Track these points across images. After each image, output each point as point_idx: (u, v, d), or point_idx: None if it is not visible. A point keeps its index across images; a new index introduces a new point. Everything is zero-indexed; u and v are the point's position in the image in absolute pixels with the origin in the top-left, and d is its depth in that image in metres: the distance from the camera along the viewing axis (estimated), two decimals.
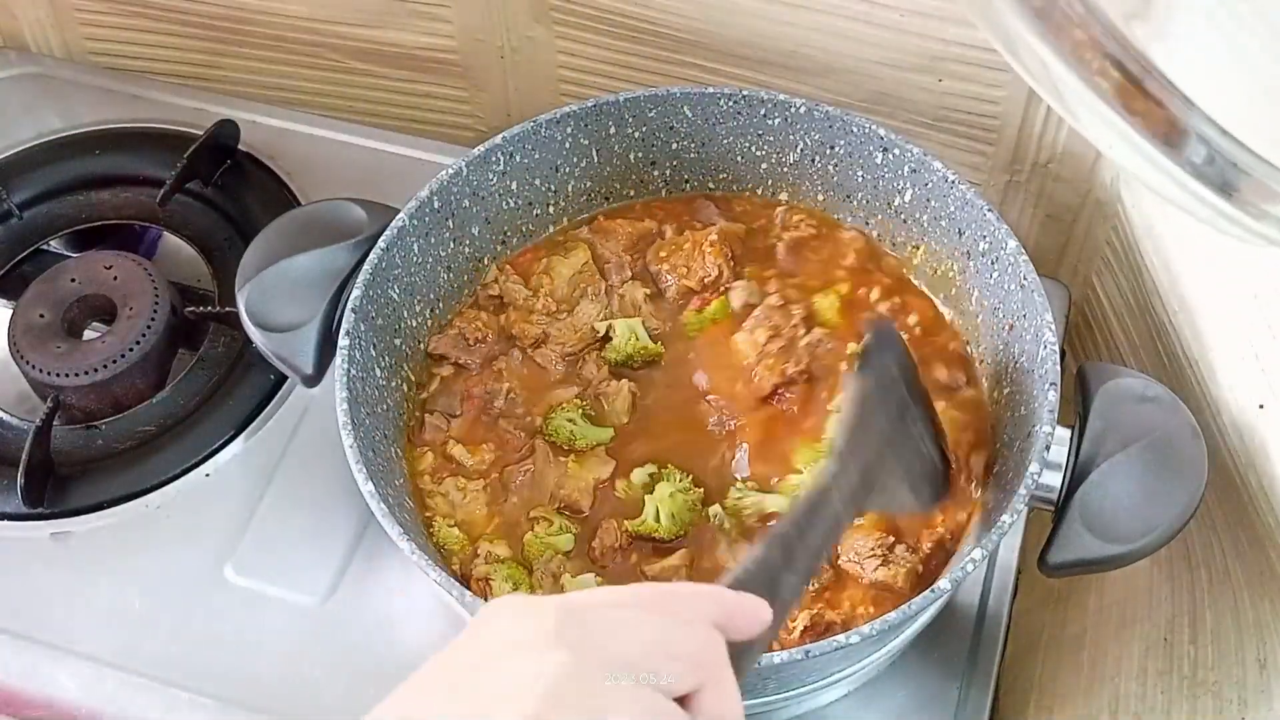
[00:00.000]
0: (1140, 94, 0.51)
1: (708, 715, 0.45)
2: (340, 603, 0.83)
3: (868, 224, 0.88)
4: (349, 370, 0.75)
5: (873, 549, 0.74)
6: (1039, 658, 0.91)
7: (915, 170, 0.83)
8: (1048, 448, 0.70)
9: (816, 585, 0.74)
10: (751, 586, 0.51)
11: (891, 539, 0.74)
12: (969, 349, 0.83)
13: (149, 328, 0.94)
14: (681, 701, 0.45)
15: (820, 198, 0.89)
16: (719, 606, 0.48)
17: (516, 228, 0.88)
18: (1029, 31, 0.52)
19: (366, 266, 0.79)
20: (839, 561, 0.74)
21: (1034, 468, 0.69)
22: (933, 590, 0.66)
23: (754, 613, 0.49)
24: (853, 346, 0.81)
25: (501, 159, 0.85)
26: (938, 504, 0.74)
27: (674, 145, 0.89)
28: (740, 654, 0.48)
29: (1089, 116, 0.54)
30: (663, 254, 0.87)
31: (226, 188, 1.04)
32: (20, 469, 0.86)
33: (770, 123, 0.87)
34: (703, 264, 0.86)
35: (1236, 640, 0.73)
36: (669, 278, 0.86)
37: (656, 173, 0.90)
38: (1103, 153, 0.56)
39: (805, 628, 0.71)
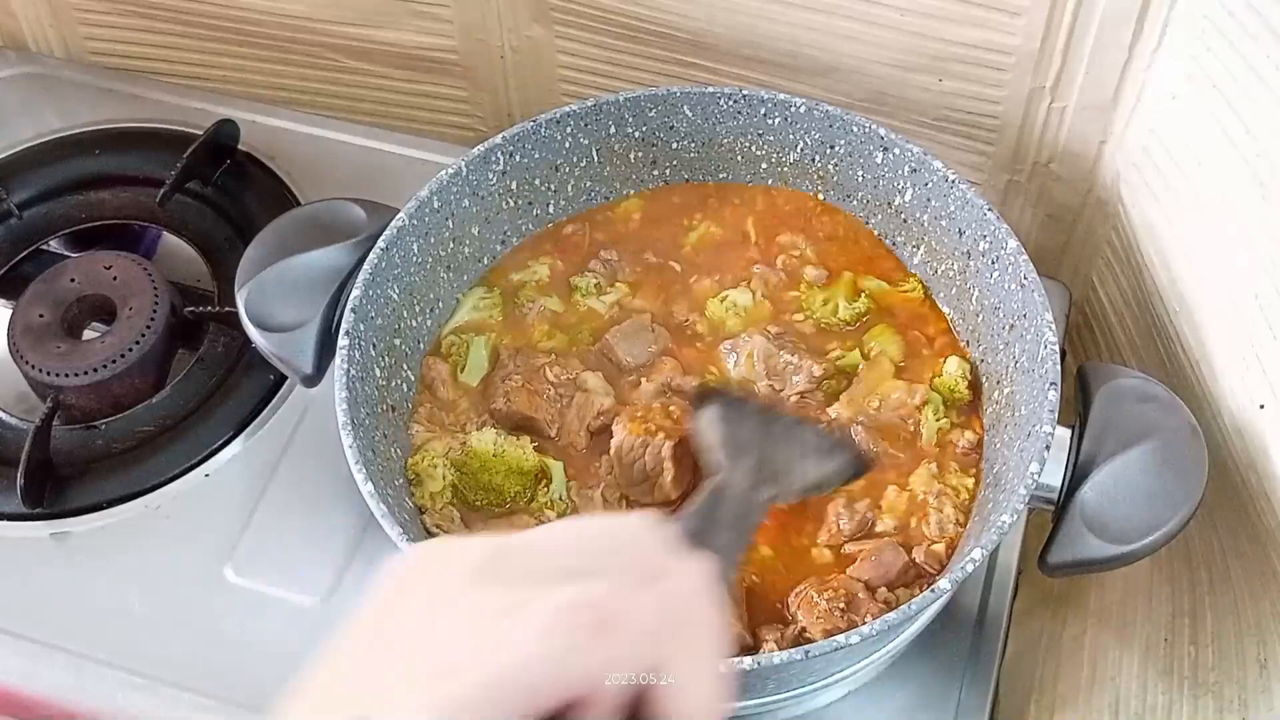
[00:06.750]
0: None
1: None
2: (340, 603, 0.82)
3: (868, 223, 0.88)
4: (349, 370, 0.75)
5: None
6: (1039, 658, 0.91)
7: (915, 170, 0.83)
8: (1048, 448, 0.70)
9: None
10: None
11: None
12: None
13: (149, 328, 0.94)
14: None
15: (820, 197, 0.89)
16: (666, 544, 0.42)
17: (516, 227, 0.88)
18: None
19: (366, 266, 0.79)
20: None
21: (1034, 468, 0.69)
22: (932, 590, 0.66)
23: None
24: None
25: (501, 159, 0.85)
26: (863, 468, 0.76)
27: (674, 145, 0.89)
28: None
29: None
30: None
31: (226, 188, 1.04)
32: (20, 469, 0.86)
33: (770, 122, 0.87)
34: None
35: (1237, 640, 0.73)
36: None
37: (656, 172, 0.90)
38: None
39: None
